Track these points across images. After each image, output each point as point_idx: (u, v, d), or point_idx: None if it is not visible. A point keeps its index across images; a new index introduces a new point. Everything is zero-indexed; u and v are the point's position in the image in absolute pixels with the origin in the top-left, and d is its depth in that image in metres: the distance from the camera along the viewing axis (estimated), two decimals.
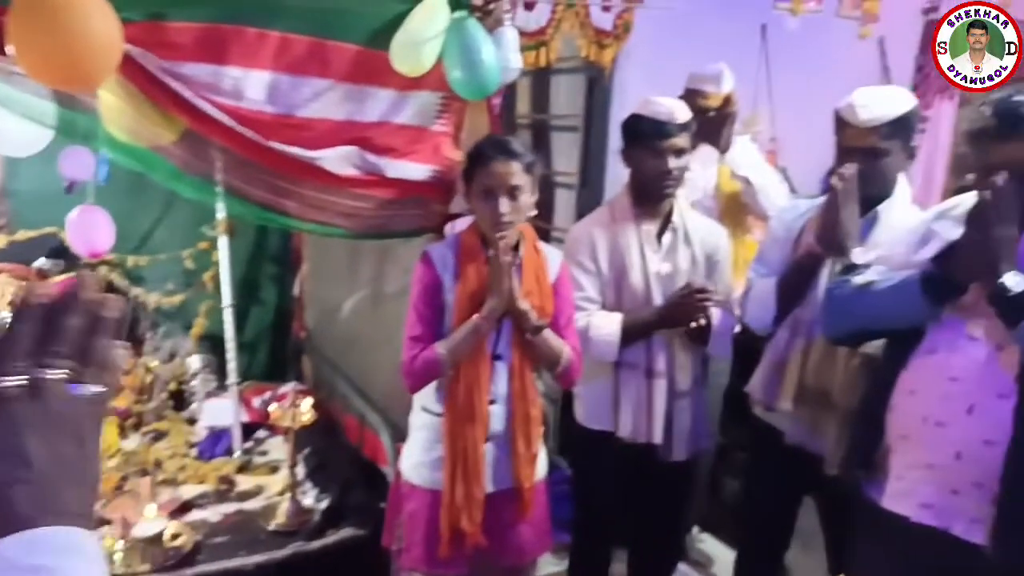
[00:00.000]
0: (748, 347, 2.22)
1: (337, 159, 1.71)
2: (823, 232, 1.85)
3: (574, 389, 2.17)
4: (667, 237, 2.11)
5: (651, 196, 2.10)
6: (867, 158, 1.84)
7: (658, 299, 2.08)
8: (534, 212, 1.80)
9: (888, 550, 1.60)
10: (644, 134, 2.05)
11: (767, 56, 3.40)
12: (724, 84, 2.65)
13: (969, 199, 1.47)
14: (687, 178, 2.18)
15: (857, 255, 1.80)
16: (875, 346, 1.81)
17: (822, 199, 1.93)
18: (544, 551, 1.98)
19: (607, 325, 2.03)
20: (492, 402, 1.78)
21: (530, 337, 1.76)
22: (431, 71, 1.72)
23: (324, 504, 2.10)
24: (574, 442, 2.36)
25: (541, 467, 1.89)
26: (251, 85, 1.61)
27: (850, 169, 1.81)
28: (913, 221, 1.74)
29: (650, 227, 2.12)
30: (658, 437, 2.08)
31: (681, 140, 2.05)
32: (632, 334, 2.04)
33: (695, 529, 3.02)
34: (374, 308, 2.50)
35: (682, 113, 2.06)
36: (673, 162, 2.04)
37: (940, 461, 1.49)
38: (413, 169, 1.83)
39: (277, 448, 2.37)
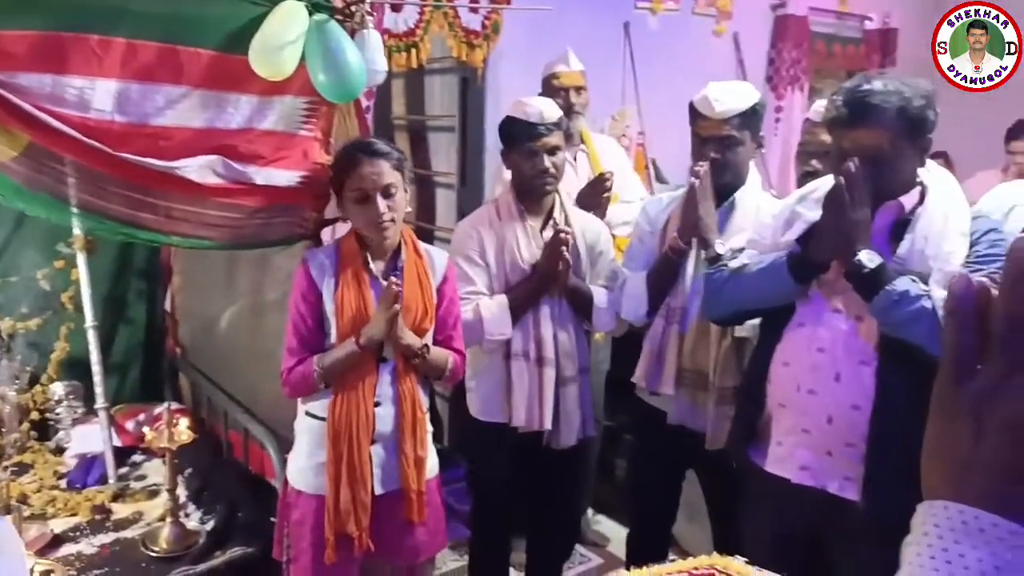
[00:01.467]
0: (627, 335, 2.32)
1: (199, 168, 1.64)
2: (685, 226, 1.98)
3: (467, 384, 2.20)
4: (548, 232, 2.18)
5: (532, 194, 2.17)
6: (722, 147, 1.97)
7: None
8: (409, 209, 1.81)
9: (772, 511, 1.72)
10: (518, 136, 2.12)
11: (631, 53, 3.53)
12: (573, 63, 2.78)
13: (829, 181, 1.58)
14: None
15: (718, 245, 1.93)
16: (745, 328, 1.94)
17: (682, 190, 2.05)
18: (439, 549, 1.99)
19: (495, 303, 2.10)
20: (377, 404, 1.77)
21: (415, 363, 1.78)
22: (295, 75, 1.68)
23: (209, 525, 2.02)
24: (468, 437, 2.39)
25: (432, 466, 1.90)
26: (97, 95, 1.51)
27: (704, 167, 1.94)
28: (776, 206, 1.86)
29: (534, 223, 2.19)
30: (548, 423, 2.14)
31: (554, 139, 2.12)
32: (519, 302, 2.10)
33: (590, 511, 3.11)
34: (253, 319, 2.43)
35: (551, 112, 2.13)
36: (548, 160, 2.11)
37: (814, 426, 1.61)
38: (281, 176, 1.78)
39: (156, 471, 2.26)
